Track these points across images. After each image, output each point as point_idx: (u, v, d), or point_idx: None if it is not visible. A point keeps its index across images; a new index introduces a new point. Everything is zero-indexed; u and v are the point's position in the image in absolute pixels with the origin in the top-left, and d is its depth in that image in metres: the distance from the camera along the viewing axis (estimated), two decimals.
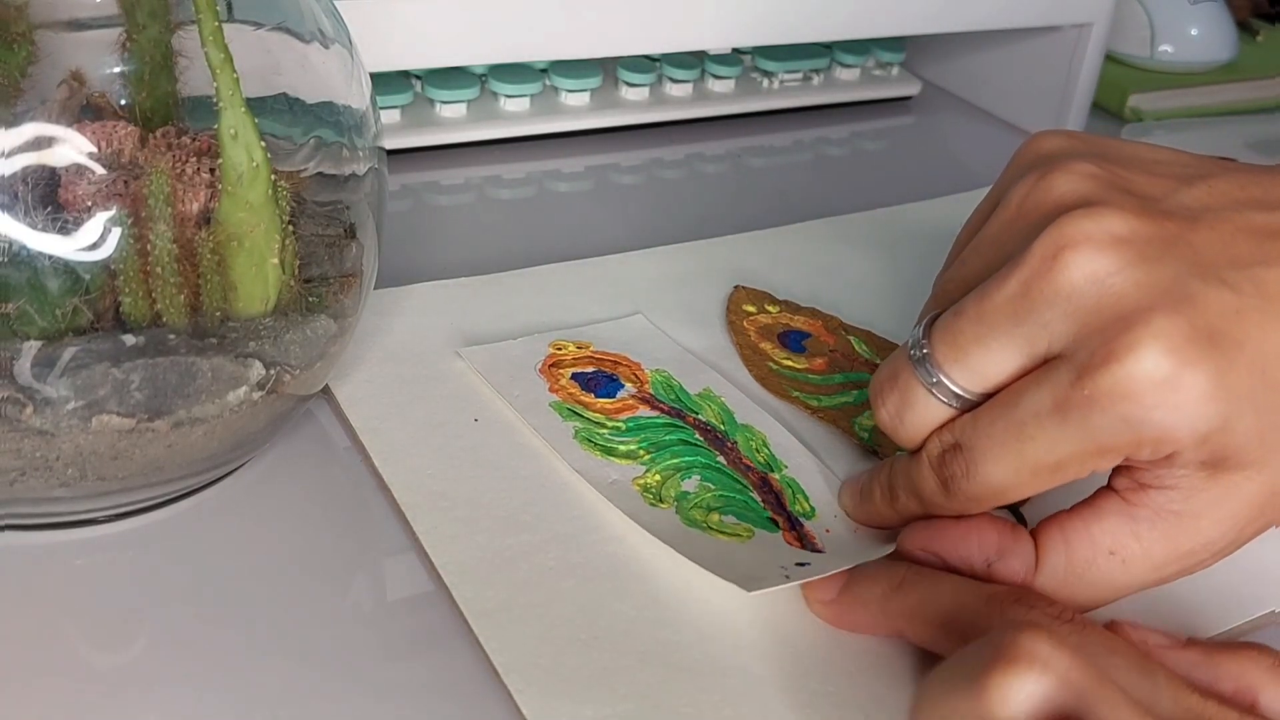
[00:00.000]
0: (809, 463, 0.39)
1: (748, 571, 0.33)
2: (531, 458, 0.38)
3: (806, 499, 0.37)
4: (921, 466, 0.33)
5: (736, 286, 0.48)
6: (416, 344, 0.42)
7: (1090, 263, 0.30)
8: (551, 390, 0.40)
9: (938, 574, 0.32)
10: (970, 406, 0.32)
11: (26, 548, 0.33)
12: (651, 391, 0.41)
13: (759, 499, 0.37)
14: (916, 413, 0.33)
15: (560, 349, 0.43)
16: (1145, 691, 0.27)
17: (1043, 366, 0.31)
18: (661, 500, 0.36)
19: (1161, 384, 0.29)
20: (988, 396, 0.32)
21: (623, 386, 0.41)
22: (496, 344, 0.42)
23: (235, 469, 0.36)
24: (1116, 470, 0.32)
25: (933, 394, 0.32)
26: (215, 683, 0.30)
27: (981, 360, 0.31)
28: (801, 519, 0.37)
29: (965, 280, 0.33)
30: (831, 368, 0.44)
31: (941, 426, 0.33)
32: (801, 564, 0.34)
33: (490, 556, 0.34)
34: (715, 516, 0.36)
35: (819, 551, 0.35)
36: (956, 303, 0.32)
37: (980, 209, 0.36)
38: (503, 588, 0.33)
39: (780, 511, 0.37)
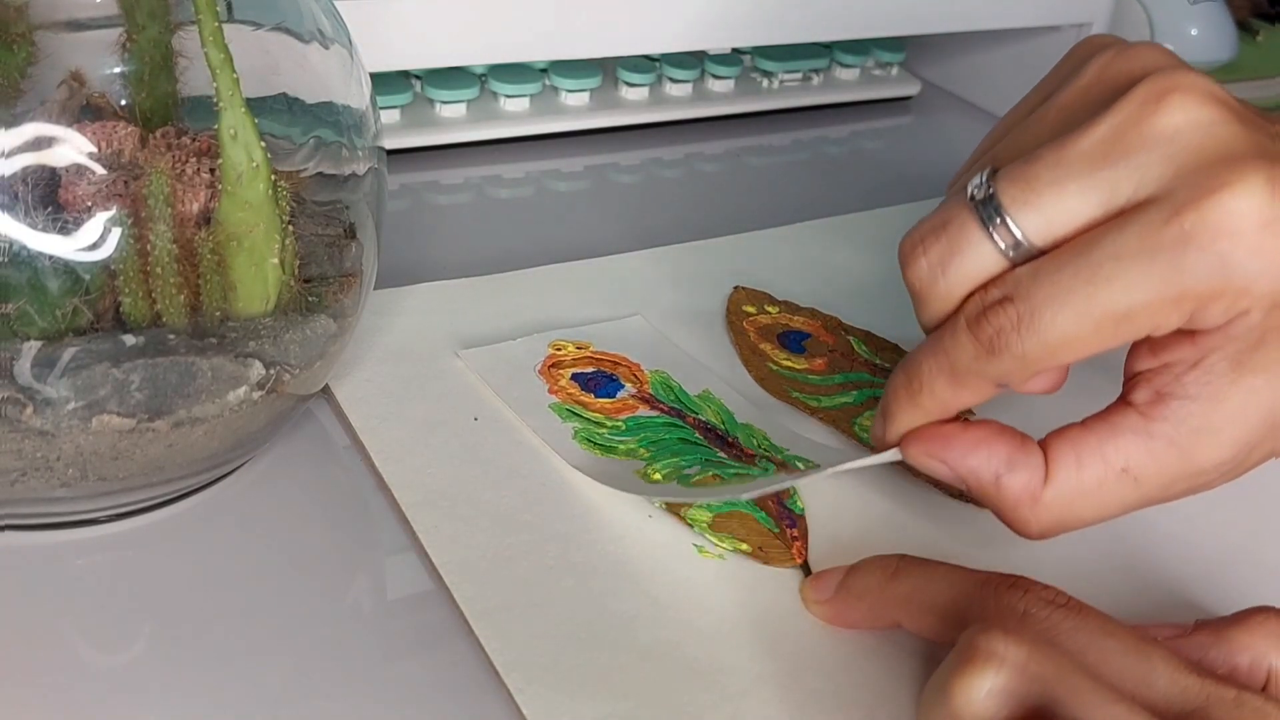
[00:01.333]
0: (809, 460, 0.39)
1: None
2: (531, 457, 0.38)
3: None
4: (957, 331, 0.31)
5: (736, 287, 0.48)
6: (416, 344, 0.42)
7: (1197, 109, 0.29)
8: (551, 391, 0.41)
9: (931, 562, 0.32)
10: (1024, 262, 0.30)
11: (26, 548, 0.33)
12: (651, 391, 0.41)
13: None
14: (965, 261, 0.31)
15: (560, 349, 0.43)
16: (1140, 674, 0.27)
17: (1124, 213, 0.29)
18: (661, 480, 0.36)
19: (1264, 226, 0.28)
20: (1042, 254, 0.30)
21: (622, 386, 0.41)
22: (495, 345, 0.42)
23: (235, 469, 0.36)
24: (1134, 382, 0.31)
25: (991, 238, 0.30)
26: (215, 682, 0.30)
27: (1054, 204, 0.30)
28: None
29: (1023, 146, 0.31)
30: (831, 368, 0.44)
31: (987, 284, 0.31)
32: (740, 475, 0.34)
33: (490, 556, 0.34)
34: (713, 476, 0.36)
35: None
36: (1028, 153, 0.30)
37: (1028, 99, 0.34)
38: (503, 587, 0.33)
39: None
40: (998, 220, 0.30)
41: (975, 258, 0.30)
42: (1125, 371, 0.32)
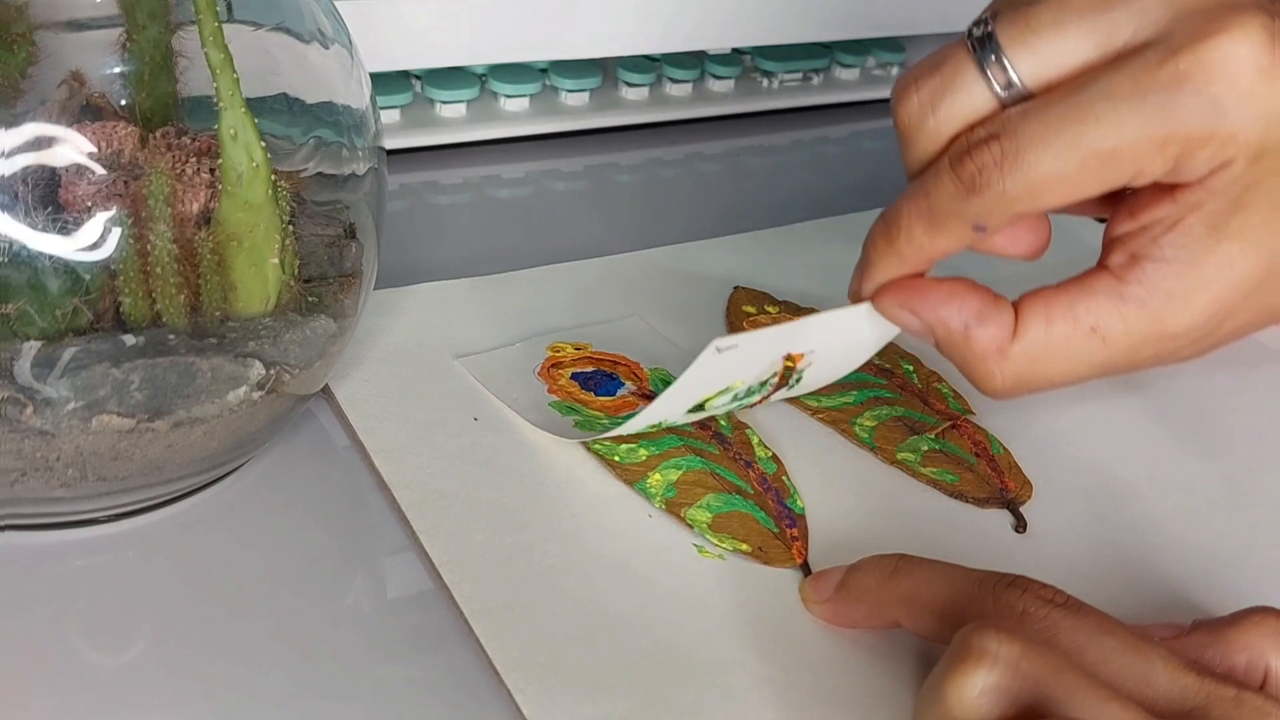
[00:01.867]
0: (807, 458, 0.39)
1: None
2: (531, 456, 0.38)
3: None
4: (939, 172, 0.31)
5: (736, 287, 0.48)
6: (416, 344, 0.42)
7: None
8: (550, 391, 0.41)
9: (931, 561, 0.32)
10: (1014, 104, 0.30)
11: (26, 548, 0.33)
12: (651, 389, 0.41)
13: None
14: (957, 100, 0.31)
15: (558, 351, 0.43)
16: (1139, 672, 0.27)
17: (1120, 56, 0.30)
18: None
19: (1258, 73, 0.28)
20: (1033, 98, 0.30)
21: (622, 385, 0.41)
22: (493, 351, 0.42)
23: (235, 469, 0.36)
24: (1111, 246, 0.32)
25: (985, 77, 0.30)
26: (215, 682, 0.30)
27: (1052, 44, 0.30)
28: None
29: None
30: None
31: (974, 124, 0.31)
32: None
33: (490, 555, 0.34)
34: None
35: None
36: None
37: None
38: (502, 586, 0.33)
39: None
40: (993, 59, 0.30)
41: (967, 97, 0.31)
42: (1105, 239, 0.32)
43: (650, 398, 0.41)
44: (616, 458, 0.38)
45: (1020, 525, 0.38)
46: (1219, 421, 0.44)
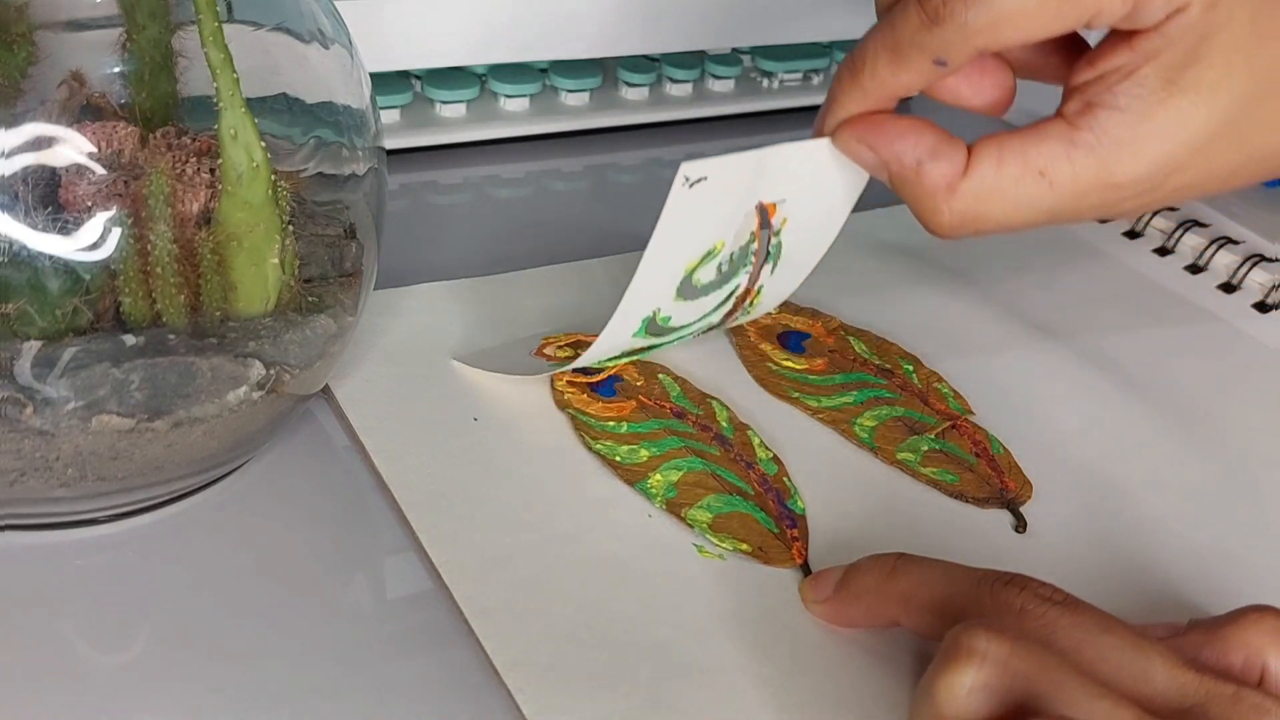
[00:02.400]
0: (807, 458, 0.39)
1: None
2: (531, 456, 0.38)
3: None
4: (906, 4, 0.31)
5: None
6: (416, 344, 0.42)
7: None
8: (539, 355, 0.41)
9: (929, 560, 0.32)
10: None
11: (26, 548, 0.33)
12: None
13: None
14: None
15: (553, 340, 0.42)
16: (1137, 669, 0.27)
17: None
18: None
19: None
20: None
21: (620, 379, 0.41)
22: (489, 348, 0.42)
23: (235, 469, 0.36)
24: (1067, 94, 0.32)
25: None
26: (215, 682, 0.30)
27: None
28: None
29: None
30: (831, 368, 0.44)
31: None
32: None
33: (490, 555, 0.34)
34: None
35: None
36: None
37: None
38: (502, 586, 0.33)
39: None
40: None
41: None
42: (1064, 89, 0.33)
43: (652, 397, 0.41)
44: (618, 458, 0.38)
45: (1020, 525, 0.38)
46: (1219, 421, 0.44)
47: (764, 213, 0.36)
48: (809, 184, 0.36)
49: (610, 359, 0.39)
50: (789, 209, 0.36)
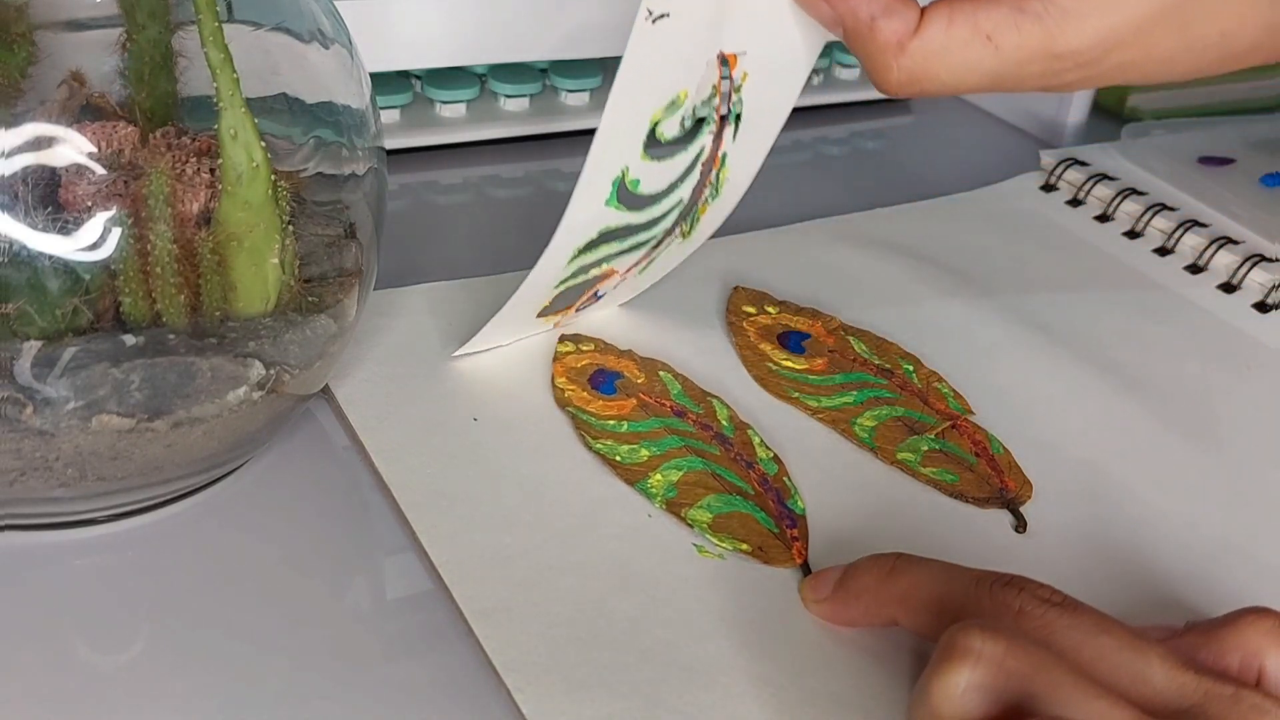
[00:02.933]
0: (807, 458, 0.39)
1: None
2: (531, 456, 0.38)
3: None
4: None
5: (736, 287, 0.48)
6: (416, 344, 0.42)
7: None
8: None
9: (929, 560, 0.32)
10: None
11: (26, 548, 0.33)
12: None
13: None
14: None
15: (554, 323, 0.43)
16: (1136, 670, 0.27)
17: None
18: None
19: None
20: None
21: (621, 376, 0.41)
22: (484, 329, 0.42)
23: (235, 469, 0.36)
24: None
25: None
26: (215, 682, 0.30)
27: None
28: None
29: None
30: (831, 368, 0.44)
31: None
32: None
33: (489, 555, 0.34)
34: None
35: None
36: None
37: None
38: (502, 586, 0.33)
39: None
40: None
41: None
42: None
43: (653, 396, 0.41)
44: (618, 458, 0.38)
45: (1020, 525, 0.38)
46: (1219, 421, 0.44)
47: (725, 64, 0.37)
48: (768, 37, 0.37)
49: (595, 260, 0.39)
50: (749, 62, 0.37)
